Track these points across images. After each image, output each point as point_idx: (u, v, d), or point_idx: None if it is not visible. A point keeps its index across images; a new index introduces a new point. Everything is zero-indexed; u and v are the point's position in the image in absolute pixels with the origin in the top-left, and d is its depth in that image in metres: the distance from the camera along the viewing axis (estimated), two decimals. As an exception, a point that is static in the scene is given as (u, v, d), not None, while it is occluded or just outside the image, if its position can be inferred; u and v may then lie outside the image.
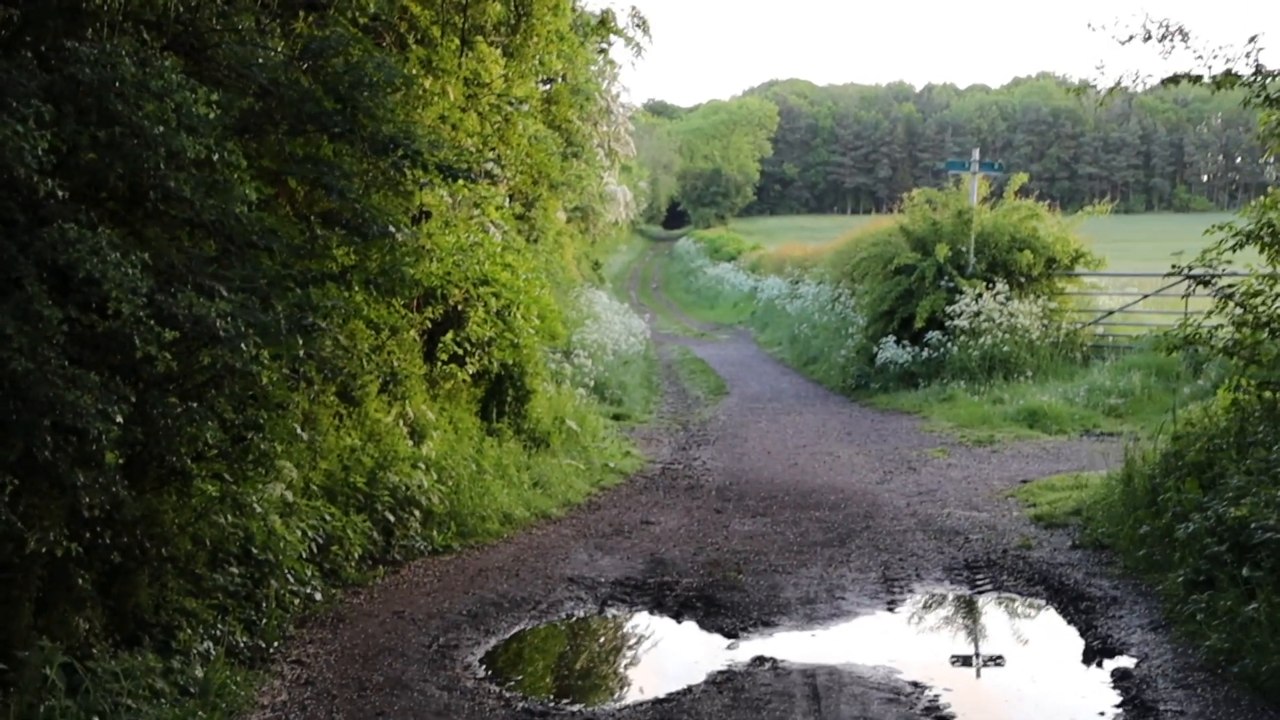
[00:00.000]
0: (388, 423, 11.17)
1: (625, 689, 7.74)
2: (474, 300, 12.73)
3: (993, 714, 7.12)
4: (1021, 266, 21.80)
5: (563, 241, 34.66)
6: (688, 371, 27.78)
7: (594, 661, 8.42)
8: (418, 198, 10.10)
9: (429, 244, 10.70)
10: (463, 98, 11.40)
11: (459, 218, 13.95)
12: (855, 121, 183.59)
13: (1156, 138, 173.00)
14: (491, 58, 12.73)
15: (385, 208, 7.82)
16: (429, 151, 7.28)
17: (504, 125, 12.90)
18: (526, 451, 13.71)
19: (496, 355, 13.48)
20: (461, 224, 13.66)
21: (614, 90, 33.48)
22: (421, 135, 7.46)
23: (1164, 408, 17.92)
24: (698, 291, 62.97)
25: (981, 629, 8.78)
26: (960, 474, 14.49)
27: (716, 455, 16.25)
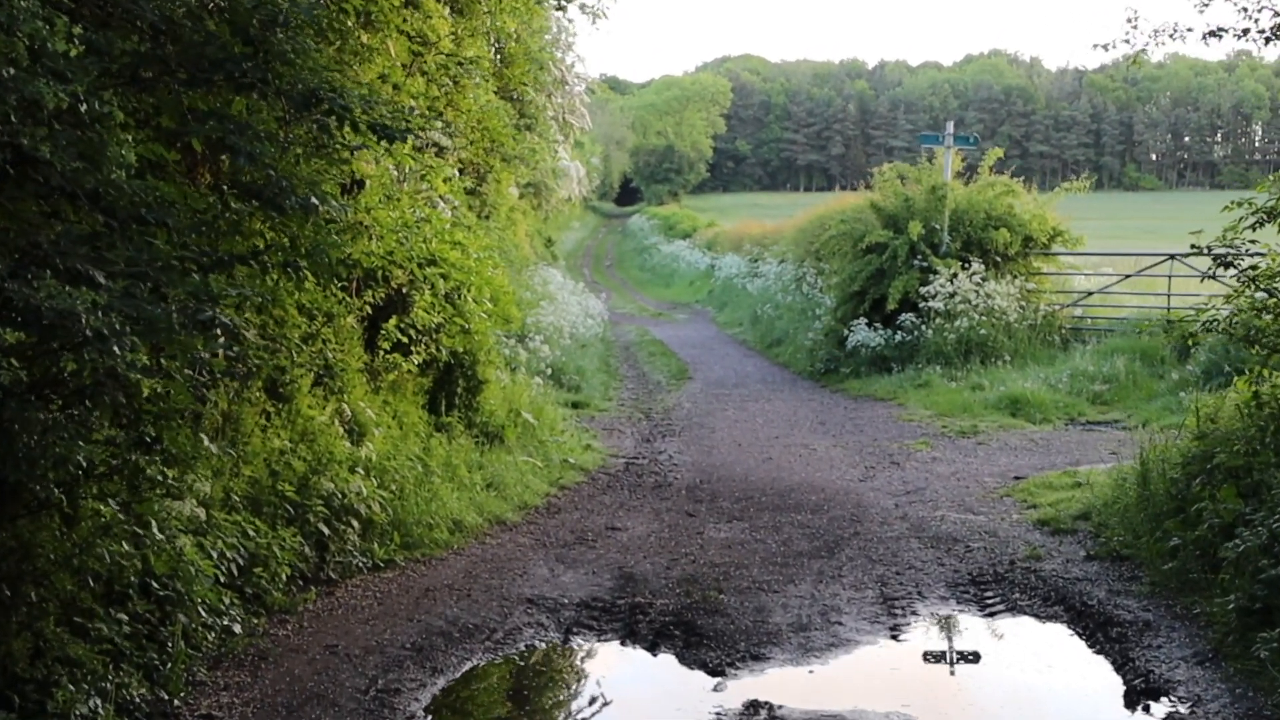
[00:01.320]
0: (322, 421, 9.94)
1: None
2: (420, 282, 11.50)
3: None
4: (998, 245, 20.78)
5: (515, 218, 33.44)
6: (647, 354, 26.61)
7: (557, 708, 7.27)
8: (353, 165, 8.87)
9: (367, 220, 9.48)
10: (406, 55, 10.15)
11: (404, 191, 12.72)
12: (808, 98, 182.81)
13: (1106, 116, 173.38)
14: (439, 14, 11.50)
15: (308, 176, 6.59)
16: (360, 108, 6.06)
17: (453, 89, 11.66)
18: (479, 448, 12.52)
19: (445, 342, 12.27)
20: (406, 198, 12.43)
21: (569, 60, 32.21)
22: (353, 90, 6.24)
23: (1150, 394, 17.04)
24: (653, 269, 61.85)
25: (1001, 662, 7.68)
26: (947, 469, 13.43)
27: (684, 448, 15.12)
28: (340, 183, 8.48)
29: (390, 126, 6.27)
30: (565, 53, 31.37)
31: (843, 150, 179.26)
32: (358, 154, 9.16)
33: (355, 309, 10.76)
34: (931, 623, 8.26)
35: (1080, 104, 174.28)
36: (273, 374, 9.31)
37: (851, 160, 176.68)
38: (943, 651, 7.88)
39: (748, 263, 39.65)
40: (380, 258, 10.08)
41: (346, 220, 9.14)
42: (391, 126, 6.28)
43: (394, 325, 11.28)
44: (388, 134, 6.32)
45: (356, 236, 9.55)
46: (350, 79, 8.32)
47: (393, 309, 11.41)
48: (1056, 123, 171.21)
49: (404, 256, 10.61)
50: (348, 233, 9.43)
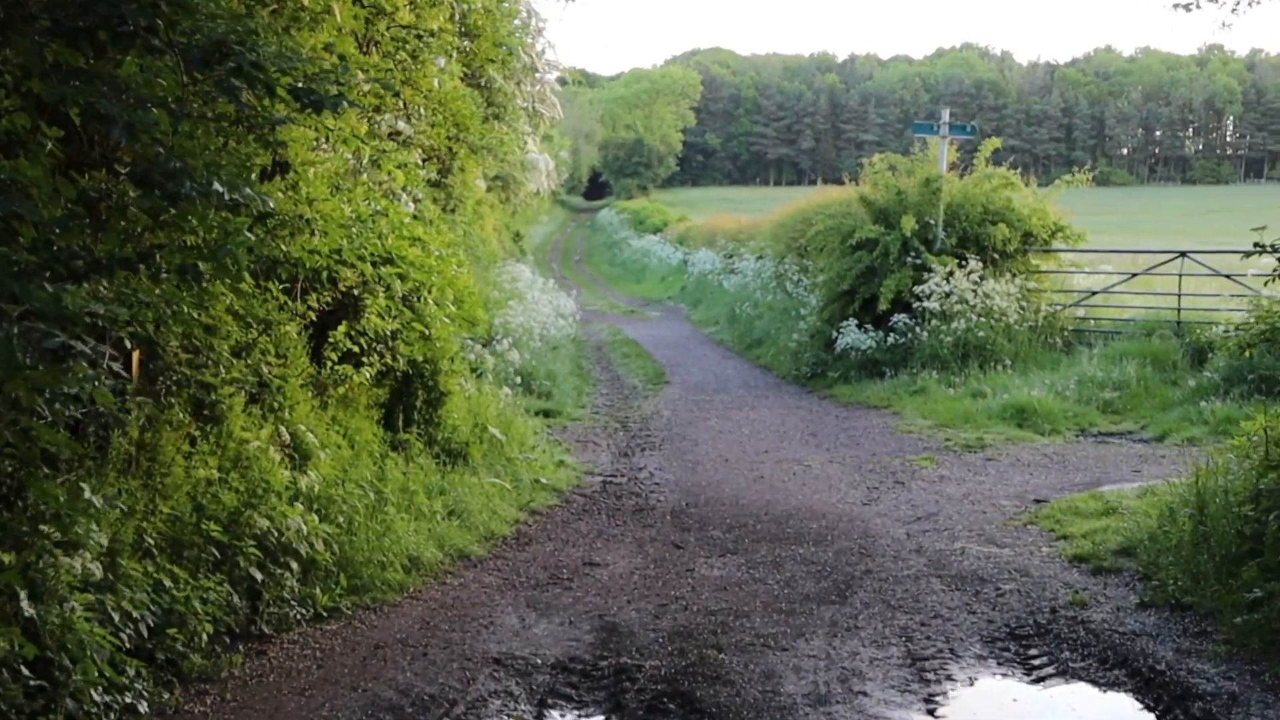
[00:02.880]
0: (258, 445, 8.60)
1: None
2: (373, 284, 10.16)
3: None
4: (996, 242, 19.54)
5: (483, 212, 32.04)
6: (621, 355, 25.30)
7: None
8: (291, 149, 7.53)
9: (309, 212, 8.14)
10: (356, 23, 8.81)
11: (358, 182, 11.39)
12: (778, 92, 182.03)
13: (1078, 111, 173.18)
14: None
15: (212, 155, 5.25)
16: (276, 67, 4.74)
17: (411, 65, 10.31)
18: (440, 469, 11.19)
19: (403, 350, 10.93)
20: (360, 189, 11.09)
21: (539, 46, 30.76)
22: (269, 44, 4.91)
23: (1165, 403, 15.89)
24: (623, 264, 60.64)
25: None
26: (958, 490, 12.19)
27: (665, 464, 13.82)
28: (262, 166, 7.09)
29: (316, 91, 4.94)
30: (535, 38, 29.95)
31: (813, 144, 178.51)
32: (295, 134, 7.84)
33: (299, 315, 9.41)
34: (972, 693, 6.98)
35: (1052, 98, 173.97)
36: (197, 393, 7.98)
37: (822, 154, 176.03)
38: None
39: (722, 258, 38.46)
40: (326, 256, 8.74)
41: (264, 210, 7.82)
42: (318, 92, 4.95)
43: (343, 333, 9.95)
44: (313, 101, 5.00)
45: (296, 232, 8.22)
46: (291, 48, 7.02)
47: (342, 314, 10.08)
48: (1028, 117, 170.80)
49: (354, 255, 9.28)
50: (285, 228, 8.11)
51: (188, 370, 7.82)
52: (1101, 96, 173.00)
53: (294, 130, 7.52)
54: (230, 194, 4.86)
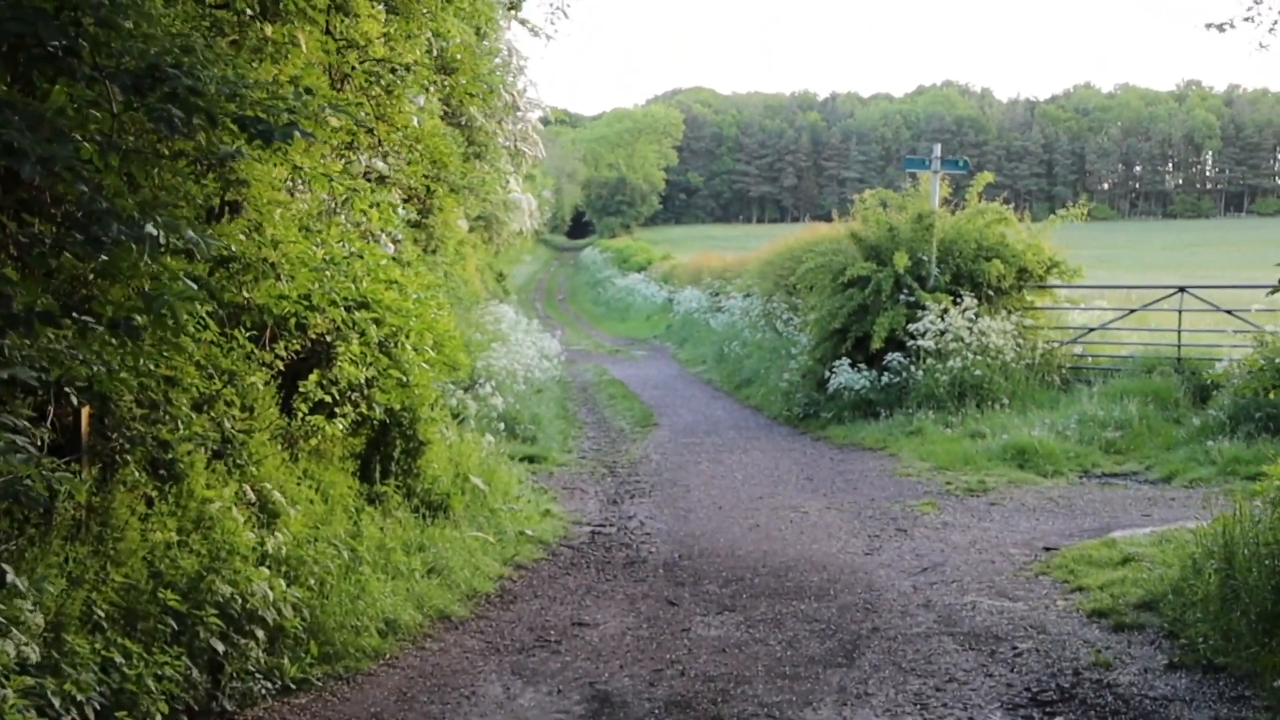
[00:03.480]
0: (222, 504, 8.02)
1: None
2: (346, 330, 9.61)
3: None
4: (990, 278, 19.08)
5: (465, 252, 31.59)
6: (607, 396, 24.75)
7: None
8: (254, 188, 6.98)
9: (274, 255, 7.60)
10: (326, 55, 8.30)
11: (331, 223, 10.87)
12: (760, 130, 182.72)
13: (1058, 146, 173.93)
14: (368, 11, 9.66)
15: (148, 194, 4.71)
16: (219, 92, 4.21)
17: (385, 99, 9.80)
18: (420, 523, 10.60)
19: (379, 399, 10.37)
20: (334, 230, 10.57)
21: (520, 85, 30.36)
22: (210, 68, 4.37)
23: (1169, 442, 15.41)
24: (607, 303, 60.24)
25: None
26: (963, 537, 11.64)
27: (656, 512, 13.27)
28: (210, 206, 6.53)
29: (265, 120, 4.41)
30: (516, 77, 29.57)
31: (795, 181, 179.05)
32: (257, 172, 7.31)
33: (266, 364, 8.86)
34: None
35: (1032, 134, 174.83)
36: (154, 451, 7.41)
37: (804, 192, 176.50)
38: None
39: (708, 296, 38.06)
40: (294, 302, 8.20)
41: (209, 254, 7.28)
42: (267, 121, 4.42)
43: (314, 382, 9.38)
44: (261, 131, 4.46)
45: (261, 277, 7.68)
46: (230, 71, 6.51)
47: (313, 362, 9.53)
48: (1009, 153, 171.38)
49: (325, 300, 8.73)
50: (248, 273, 7.57)
51: (143, 427, 7.26)
52: (1081, 132, 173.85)
53: (256, 168, 7.00)
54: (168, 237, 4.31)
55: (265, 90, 4.76)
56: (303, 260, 8.55)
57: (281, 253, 7.73)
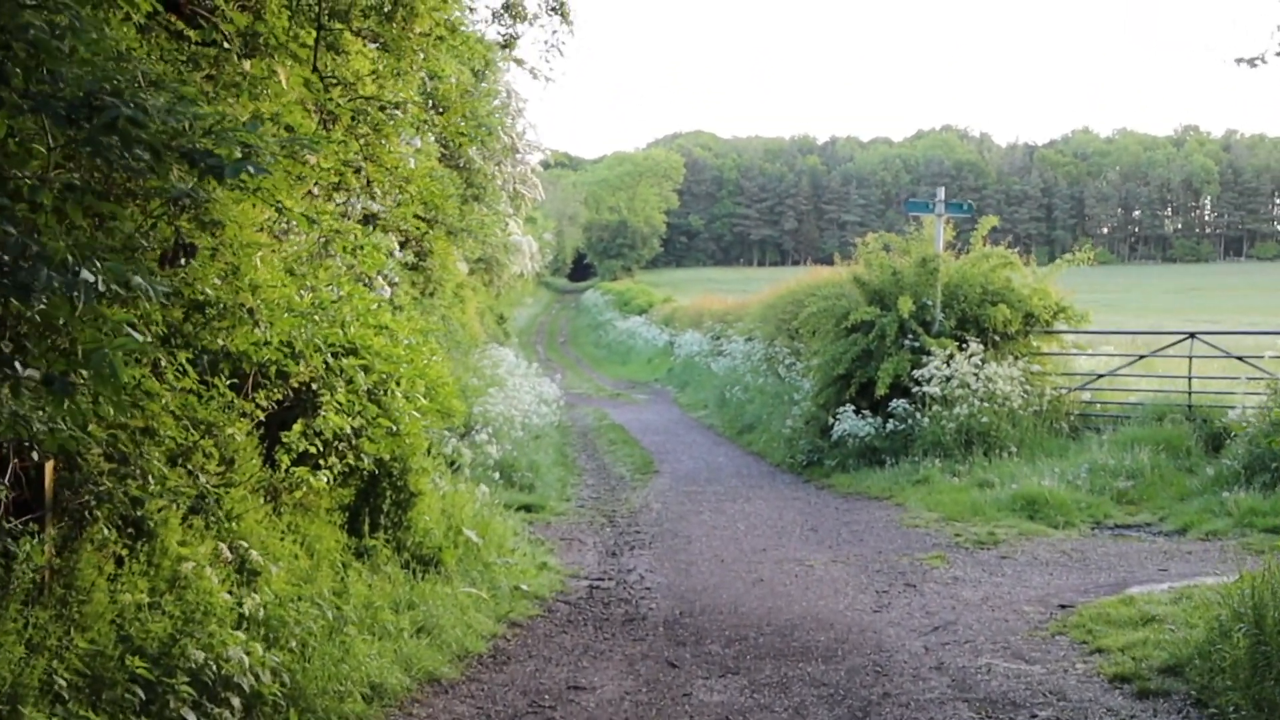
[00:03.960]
0: (198, 562, 7.60)
1: None
2: (333, 377, 9.21)
3: None
4: (996, 323, 18.71)
5: (464, 295, 31.28)
6: (607, 442, 24.34)
7: None
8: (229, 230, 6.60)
9: (251, 300, 7.22)
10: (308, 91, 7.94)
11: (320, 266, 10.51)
12: (760, 174, 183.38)
13: (1057, 190, 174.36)
14: (356, 46, 9.32)
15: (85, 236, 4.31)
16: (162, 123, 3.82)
17: (373, 138, 9.45)
18: (410, 579, 10.16)
19: (368, 449, 9.95)
20: (323, 273, 10.21)
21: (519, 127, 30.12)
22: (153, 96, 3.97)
23: (1182, 492, 15.00)
24: (608, 346, 59.94)
25: None
26: (975, 593, 11.20)
27: (656, 565, 12.83)
28: (163, 249, 6.12)
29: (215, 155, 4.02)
30: (515, 119, 29.33)
31: (796, 225, 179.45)
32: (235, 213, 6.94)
33: (247, 414, 8.45)
34: None
35: (1031, 178, 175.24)
36: (124, 508, 7.00)
37: (805, 235, 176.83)
38: None
39: (709, 340, 37.71)
40: (274, 349, 7.81)
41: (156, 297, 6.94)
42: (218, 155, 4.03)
43: (298, 432, 8.97)
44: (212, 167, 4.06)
45: (238, 323, 7.29)
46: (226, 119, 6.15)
47: (297, 412, 9.12)
48: (1008, 197, 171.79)
49: (308, 346, 8.35)
50: (225, 319, 7.19)
51: (112, 482, 6.85)
52: (1080, 177, 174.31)
53: (231, 208, 6.63)
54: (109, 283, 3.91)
55: (215, 120, 4.34)
56: (286, 305, 8.17)
57: (260, 297, 7.34)
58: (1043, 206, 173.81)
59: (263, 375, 8.54)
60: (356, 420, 9.50)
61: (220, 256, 7.10)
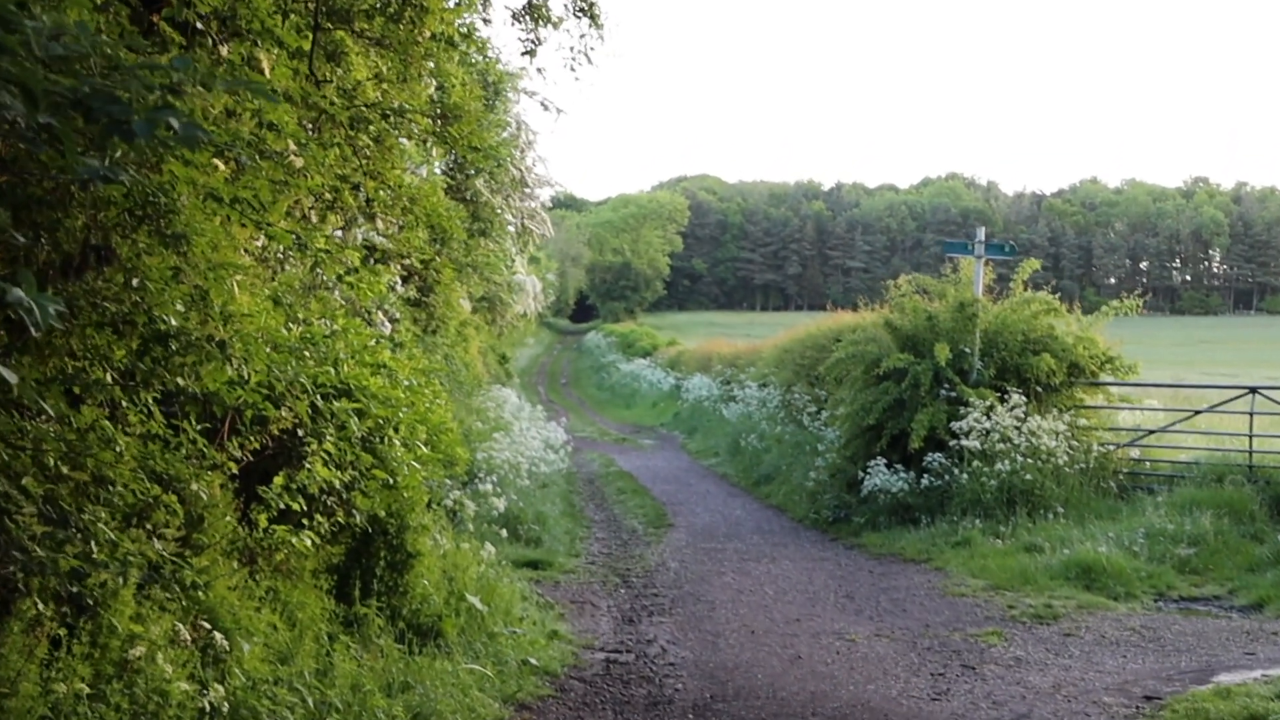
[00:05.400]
0: (153, 643, 6.33)
1: None
2: (322, 422, 7.97)
3: None
4: (1040, 374, 17.45)
5: (468, 334, 30.09)
6: (615, 491, 23.04)
7: None
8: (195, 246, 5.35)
9: (222, 333, 5.97)
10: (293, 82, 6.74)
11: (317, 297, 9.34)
12: (765, 218, 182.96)
13: (1065, 240, 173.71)
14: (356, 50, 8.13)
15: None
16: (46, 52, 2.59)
17: (374, 150, 8.24)
18: (405, 654, 8.88)
19: (361, 504, 8.70)
20: (314, 304, 9.01)
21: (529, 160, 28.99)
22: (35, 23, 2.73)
23: (1250, 562, 13.78)
24: (611, 389, 58.77)
25: None
26: (1043, 678, 9.90)
27: (679, 635, 11.53)
28: (63, 257, 4.82)
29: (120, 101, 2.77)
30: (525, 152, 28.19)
31: (800, 270, 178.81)
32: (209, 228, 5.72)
33: (219, 465, 7.20)
34: None
35: (1038, 227, 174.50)
36: (59, 580, 5.74)
37: (809, 280, 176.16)
38: None
39: (719, 385, 36.51)
40: (251, 390, 6.56)
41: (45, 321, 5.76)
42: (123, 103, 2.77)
43: (279, 486, 7.69)
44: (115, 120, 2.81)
45: (208, 358, 6.05)
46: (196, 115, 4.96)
47: (279, 462, 7.87)
48: (1015, 246, 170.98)
49: (290, 387, 7.11)
50: (191, 353, 5.96)
51: (45, 549, 5.60)
52: (1088, 227, 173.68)
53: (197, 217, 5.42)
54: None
55: (150, 77, 3.07)
56: (267, 339, 6.93)
57: (234, 329, 6.10)
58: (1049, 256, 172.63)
59: (239, 420, 7.30)
60: (348, 473, 8.23)
61: (185, 279, 5.87)
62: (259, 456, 7.63)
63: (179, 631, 6.47)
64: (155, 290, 5.59)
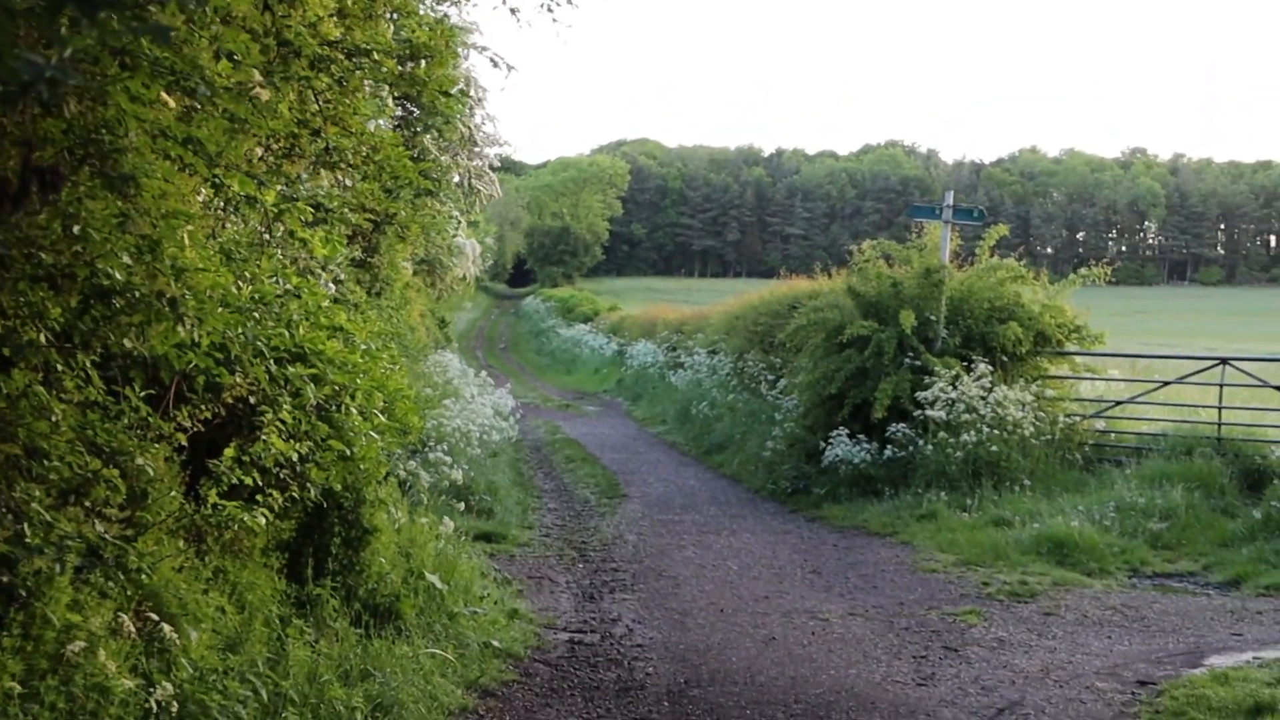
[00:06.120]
0: (93, 633, 5.71)
1: None
2: (276, 390, 7.33)
3: None
4: (1006, 343, 17.04)
5: (410, 297, 29.31)
6: (564, 459, 22.48)
7: None
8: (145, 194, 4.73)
9: (173, 289, 5.34)
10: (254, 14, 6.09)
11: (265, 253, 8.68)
12: (705, 184, 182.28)
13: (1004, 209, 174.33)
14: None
15: None
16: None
17: (336, 94, 7.58)
18: (362, 639, 8.29)
19: (316, 477, 8.07)
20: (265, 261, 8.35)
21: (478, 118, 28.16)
22: None
23: (1224, 536, 13.50)
24: (551, 354, 58.16)
25: None
26: (1029, 661, 9.48)
27: (644, 614, 11.01)
28: None
29: None
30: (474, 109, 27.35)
31: (739, 236, 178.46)
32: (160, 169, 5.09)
33: (166, 436, 6.56)
34: None
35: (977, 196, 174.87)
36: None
37: (747, 247, 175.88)
38: None
39: (665, 351, 35.93)
40: (203, 354, 5.93)
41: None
42: None
43: (230, 458, 7.04)
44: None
45: (157, 318, 5.41)
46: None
47: (229, 432, 7.24)
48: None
49: (247, 351, 6.47)
50: (137, 310, 5.33)
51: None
52: (1027, 196, 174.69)
53: (147, 155, 4.79)
54: None
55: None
56: (220, 298, 6.28)
57: (187, 285, 5.47)
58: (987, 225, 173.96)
59: (188, 387, 6.66)
60: (304, 445, 7.60)
61: (132, 228, 5.22)
62: (208, 426, 6.99)
63: (121, 621, 5.84)
64: (98, 240, 4.96)
